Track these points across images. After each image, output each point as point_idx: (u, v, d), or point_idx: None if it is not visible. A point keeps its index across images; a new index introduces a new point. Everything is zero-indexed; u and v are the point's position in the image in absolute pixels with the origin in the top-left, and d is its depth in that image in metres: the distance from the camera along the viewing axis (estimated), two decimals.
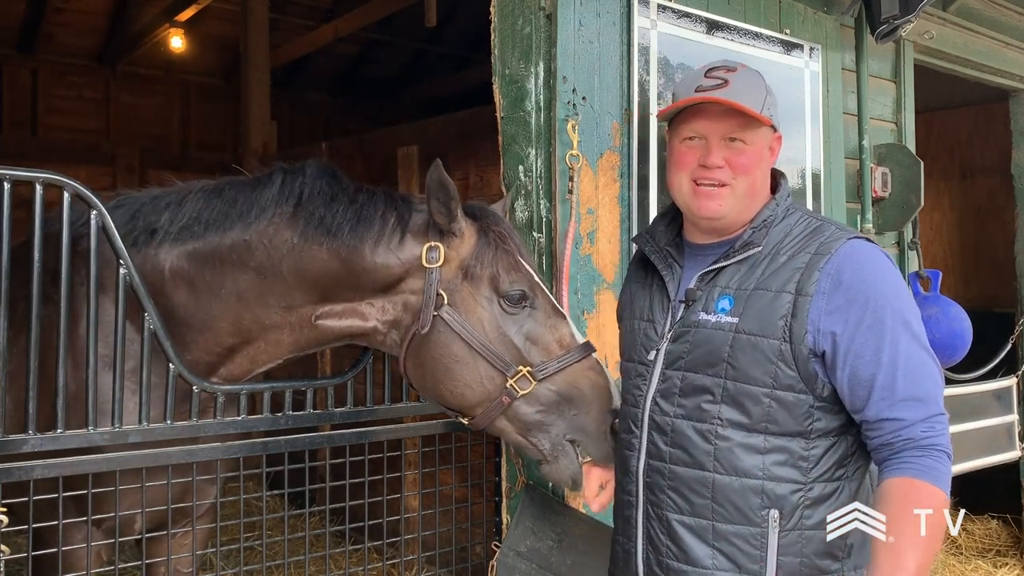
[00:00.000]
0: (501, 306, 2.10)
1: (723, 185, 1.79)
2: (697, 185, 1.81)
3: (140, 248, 2.19)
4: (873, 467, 1.74)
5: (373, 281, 2.17)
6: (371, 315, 2.21)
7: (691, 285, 1.84)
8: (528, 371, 2.06)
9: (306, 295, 2.19)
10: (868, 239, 1.77)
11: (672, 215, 2.00)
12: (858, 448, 1.74)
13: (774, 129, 1.86)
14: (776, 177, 1.90)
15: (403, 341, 2.16)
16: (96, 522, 2.14)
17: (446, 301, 2.09)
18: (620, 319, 2.10)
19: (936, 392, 1.66)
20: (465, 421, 2.19)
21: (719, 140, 1.79)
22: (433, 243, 2.12)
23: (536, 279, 2.15)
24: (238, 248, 2.16)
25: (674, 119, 1.90)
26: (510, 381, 2.06)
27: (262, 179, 2.24)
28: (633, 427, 1.89)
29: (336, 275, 2.16)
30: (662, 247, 1.95)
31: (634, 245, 2.71)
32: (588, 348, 2.12)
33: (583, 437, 2.08)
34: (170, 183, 2.35)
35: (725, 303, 1.76)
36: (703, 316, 1.78)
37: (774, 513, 1.68)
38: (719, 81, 1.79)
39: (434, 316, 2.09)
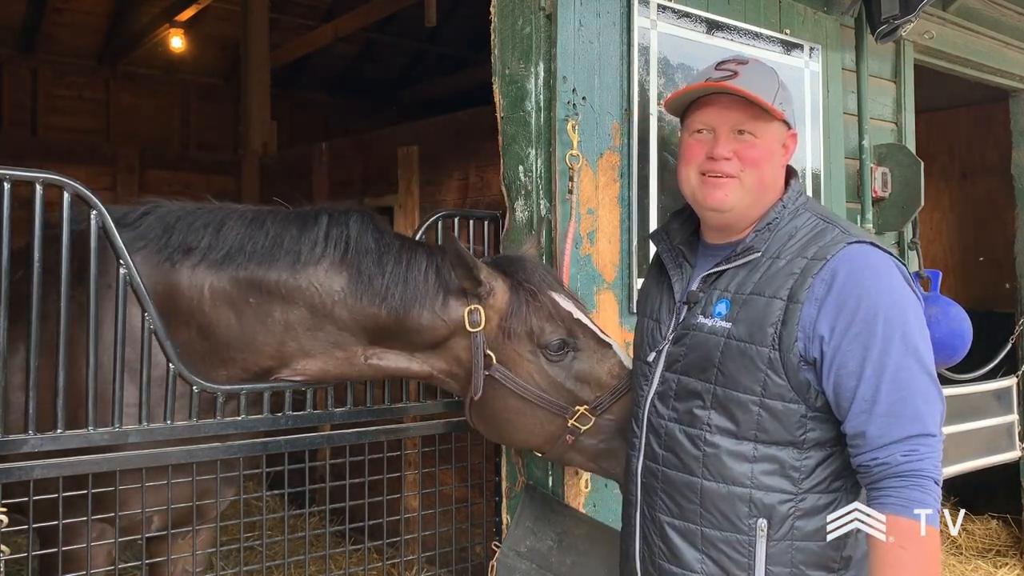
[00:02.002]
0: (545, 356, 2.13)
1: (731, 177, 1.74)
2: (704, 176, 1.77)
3: (176, 264, 2.22)
4: None
5: (421, 340, 2.24)
6: (425, 363, 2.28)
7: (694, 287, 1.82)
8: (586, 409, 2.10)
9: (356, 338, 2.25)
10: (874, 243, 1.69)
11: (688, 212, 1.96)
12: None
13: (788, 126, 1.81)
14: (789, 176, 1.85)
15: (463, 397, 2.24)
16: (110, 521, 2.16)
17: (495, 360, 2.15)
18: (637, 315, 2.10)
19: (925, 411, 1.57)
20: (538, 455, 2.30)
21: (728, 131, 1.75)
22: (473, 306, 2.16)
23: (576, 317, 2.18)
24: (287, 285, 2.20)
25: (685, 113, 1.87)
26: (570, 421, 2.11)
27: (306, 219, 2.27)
28: (635, 427, 1.89)
29: (386, 328, 2.23)
30: (675, 245, 1.92)
31: (634, 245, 2.73)
32: None
33: None
34: (206, 201, 2.38)
35: (722, 307, 1.73)
36: (701, 320, 1.76)
37: (762, 522, 1.65)
38: (729, 72, 1.75)
39: (486, 376, 2.15)
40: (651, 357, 1.86)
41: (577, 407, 2.10)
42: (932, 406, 1.59)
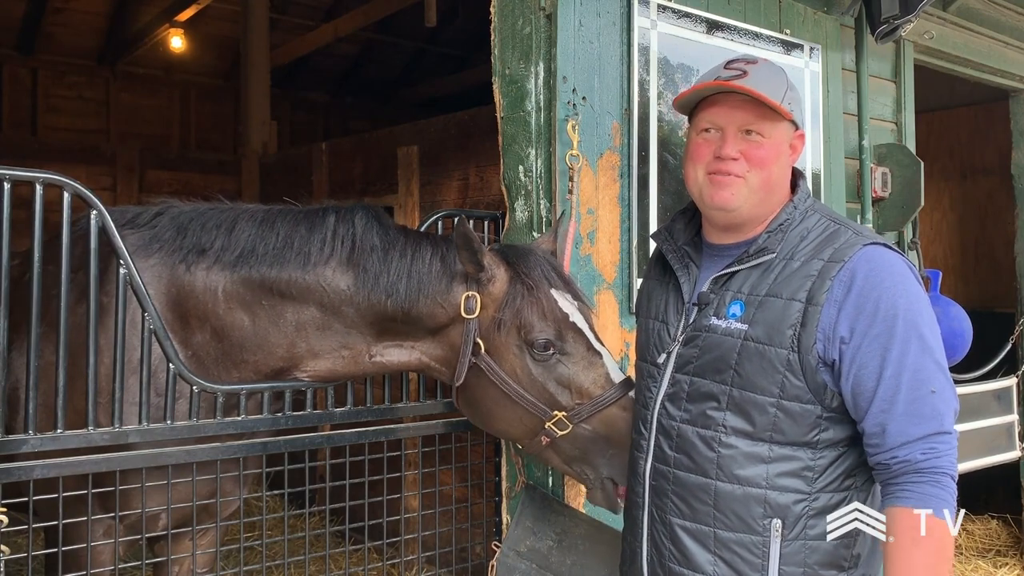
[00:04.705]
0: (530, 353, 2.13)
1: (737, 177, 1.74)
2: (710, 175, 1.77)
3: (190, 266, 2.26)
4: None
5: (423, 328, 2.27)
6: (424, 353, 2.31)
7: (704, 288, 1.81)
8: (564, 415, 2.10)
9: (362, 335, 2.28)
10: (887, 245, 1.70)
11: (692, 212, 1.96)
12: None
13: (796, 126, 1.80)
14: (795, 177, 1.85)
15: (453, 381, 2.25)
16: (123, 519, 2.19)
17: (483, 348, 2.16)
18: (637, 316, 2.09)
19: (943, 409, 1.59)
20: (519, 447, 2.32)
21: (735, 131, 1.74)
22: (470, 293, 2.18)
23: (572, 320, 2.16)
24: (297, 285, 2.23)
25: (692, 112, 1.86)
26: (547, 424, 2.11)
27: (313, 218, 2.30)
28: (642, 429, 1.88)
29: (391, 320, 2.25)
30: (680, 246, 1.92)
31: (634, 245, 2.73)
32: (626, 386, 2.11)
33: (620, 476, 2.10)
34: (216, 200, 2.41)
35: (736, 309, 1.73)
36: (714, 321, 1.75)
37: (776, 523, 1.65)
38: (738, 72, 1.74)
39: (473, 363, 2.17)
40: (660, 359, 1.85)
41: (555, 412, 2.10)
42: (948, 404, 1.60)
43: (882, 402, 1.58)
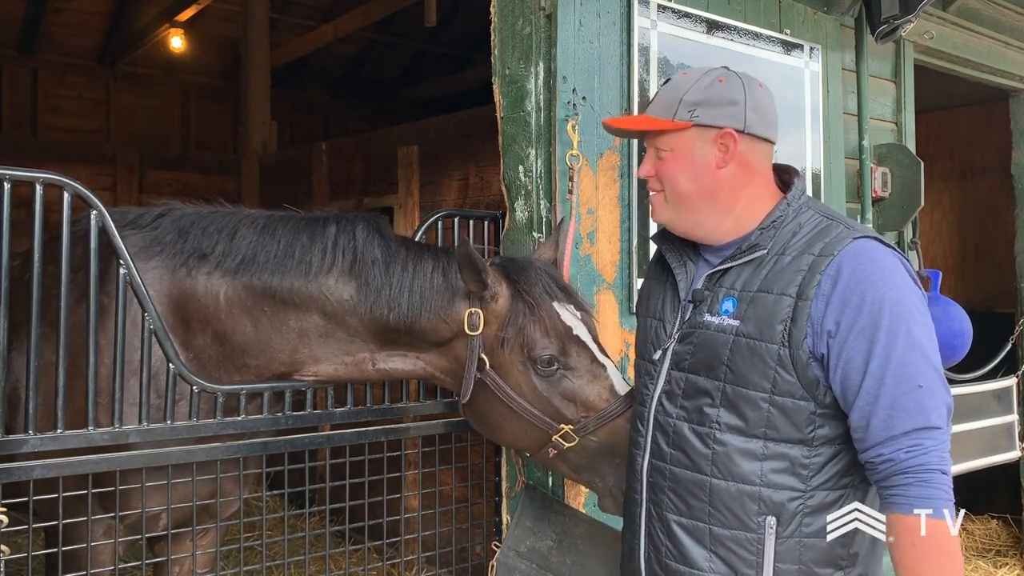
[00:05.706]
0: (534, 369, 2.14)
1: (658, 192, 1.85)
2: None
3: (191, 270, 2.27)
4: None
5: (426, 340, 2.28)
6: (429, 364, 2.32)
7: (699, 285, 1.83)
8: (570, 428, 2.12)
9: (365, 343, 2.29)
10: (878, 239, 1.69)
11: None
12: None
13: (713, 127, 1.76)
14: (790, 175, 1.87)
15: (459, 397, 2.26)
16: (123, 519, 2.20)
17: (488, 364, 2.17)
18: (638, 315, 2.10)
19: (930, 404, 1.56)
20: (526, 455, 2.35)
21: (653, 152, 1.85)
22: (473, 309, 2.18)
23: (575, 334, 2.17)
24: (300, 294, 2.24)
25: None
26: (554, 437, 2.13)
27: (315, 227, 2.30)
28: (640, 426, 1.89)
29: (394, 332, 2.27)
30: (677, 244, 1.94)
31: (634, 245, 2.73)
32: (631, 397, 2.11)
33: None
34: (218, 203, 2.42)
35: (729, 305, 1.73)
36: (708, 318, 1.76)
37: (771, 520, 1.65)
38: (651, 102, 1.89)
39: (478, 379, 2.18)
40: (656, 356, 1.86)
41: (562, 425, 2.11)
42: (937, 399, 1.58)
43: (867, 395, 1.58)
